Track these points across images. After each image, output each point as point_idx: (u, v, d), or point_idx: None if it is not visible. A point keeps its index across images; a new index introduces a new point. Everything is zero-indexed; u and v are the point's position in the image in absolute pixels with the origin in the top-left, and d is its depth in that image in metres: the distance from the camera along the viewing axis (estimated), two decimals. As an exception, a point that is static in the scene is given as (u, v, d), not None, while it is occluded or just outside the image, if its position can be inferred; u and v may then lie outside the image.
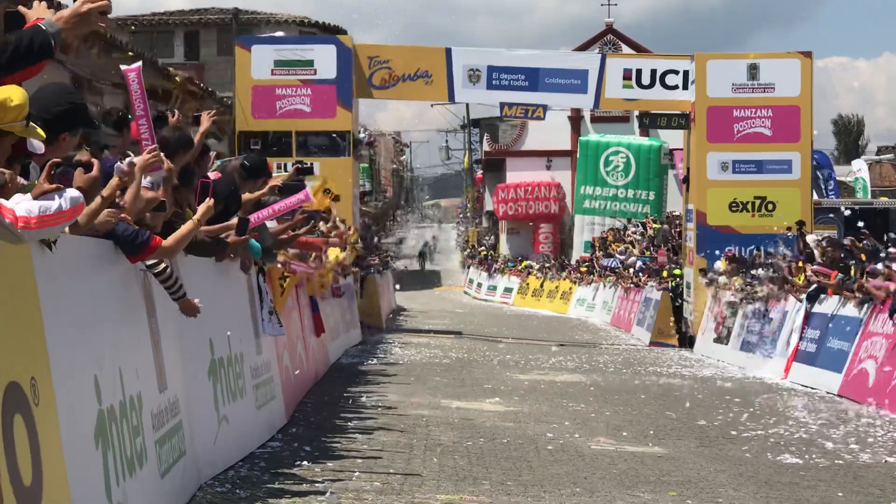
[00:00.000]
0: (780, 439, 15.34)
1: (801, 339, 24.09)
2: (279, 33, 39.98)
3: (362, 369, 23.46)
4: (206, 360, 11.40)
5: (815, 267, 24.64)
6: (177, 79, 28.32)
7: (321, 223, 20.72)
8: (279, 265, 16.71)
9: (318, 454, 12.83)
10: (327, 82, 33.44)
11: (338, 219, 24.09)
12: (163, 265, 9.45)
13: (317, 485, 11.08)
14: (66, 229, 7.13)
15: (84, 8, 6.63)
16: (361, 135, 41.11)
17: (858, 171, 47.46)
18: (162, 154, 9.46)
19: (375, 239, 58.73)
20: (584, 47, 63.56)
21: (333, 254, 23.13)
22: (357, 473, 11.62)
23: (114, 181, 8.17)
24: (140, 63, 10.22)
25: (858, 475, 12.79)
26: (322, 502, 10.32)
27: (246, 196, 13.72)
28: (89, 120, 7.99)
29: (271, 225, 14.77)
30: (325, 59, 33.60)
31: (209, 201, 9.90)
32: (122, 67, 10.02)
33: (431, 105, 55.60)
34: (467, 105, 70.91)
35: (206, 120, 13.17)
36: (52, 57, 6.78)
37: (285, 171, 25.39)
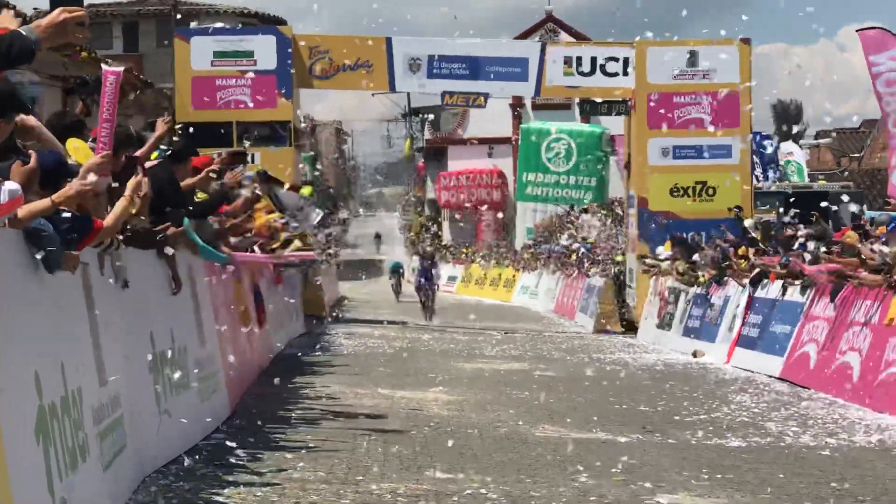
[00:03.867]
0: (722, 423, 15.45)
1: (743, 323, 24.25)
2: (219, 24, 39.78)
3: (306, 360, 23.41)
4: (147, 354, 11.33)
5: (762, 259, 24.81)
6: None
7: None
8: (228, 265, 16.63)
9: (263, 445, 12.79)
10: (268, 73, 33.33)
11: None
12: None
13: (261, 476, 11.05)
14: (6, 223, 7.06)
15: (60, 18, 6.55)
16: (303, 124, 40.97)
17: (790, 154, 47.75)
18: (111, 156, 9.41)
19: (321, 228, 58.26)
20: (524, 36, 63.61)
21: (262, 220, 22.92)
22: (301, 464, 11.60)
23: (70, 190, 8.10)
24: (122, 69, 10.17)
25: (800, 457, 12.90)
26: (266, 493, 10.30)
27: (188, 182, 13.67)
28: (22, 105, 7.91)
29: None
30: (265, 50, 33.50)
31: (137, 176, 9.84)
32: (105, 68, 9.95)
33: (372, 94, 55.38)
34: (408, 94, 70.87)
35: (160, 126, 13.11)
36: (31, 63, 6.72)
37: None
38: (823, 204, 25.91)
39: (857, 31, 27.63)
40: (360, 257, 75.11)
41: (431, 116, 68.73)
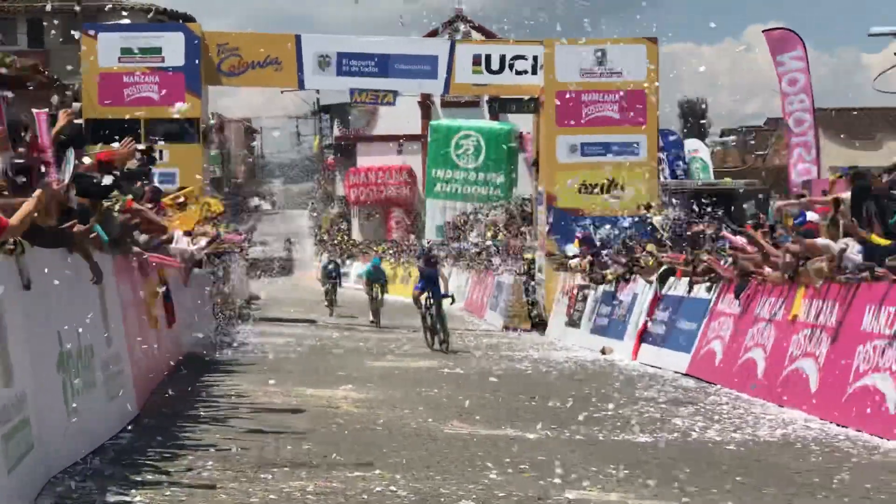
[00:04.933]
0: (630, 419, 15.57)
1: (650, 320, 24.47)
2: (126, 20, 39.44)
3: (215, 359, 23.29)
4: (54, 353, 11.22)
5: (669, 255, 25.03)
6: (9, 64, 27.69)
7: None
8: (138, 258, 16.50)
9: (171, 445, 12.71)
10: (176, 70, 33.12)
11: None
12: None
13: (169, 475, 10.98)
14: None
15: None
16: (211, 121, 40.72)
17: (695, 151, 48.23)
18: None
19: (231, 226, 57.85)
20: (433, 33, 63.64)
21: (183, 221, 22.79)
22: (210, 463, 11.54)
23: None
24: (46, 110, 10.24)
25: (705, 452, 13.04)
26: (175, 493, 10.24)
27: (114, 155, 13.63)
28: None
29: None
30: (173, 47, 33.28)
31: (50, 178, 9.82)
32: (34, 111, 9.97)
33: (282, 92, 55.22)
34: (318, 91, 70.65)
35: (62, 118, 12.97)
36: None
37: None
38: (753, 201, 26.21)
39: (763, 31, 28.02)
40: (269, 255, 74.76)
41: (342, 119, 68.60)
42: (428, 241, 36.97)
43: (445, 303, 26.87)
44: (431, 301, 26.57)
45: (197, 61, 33.18)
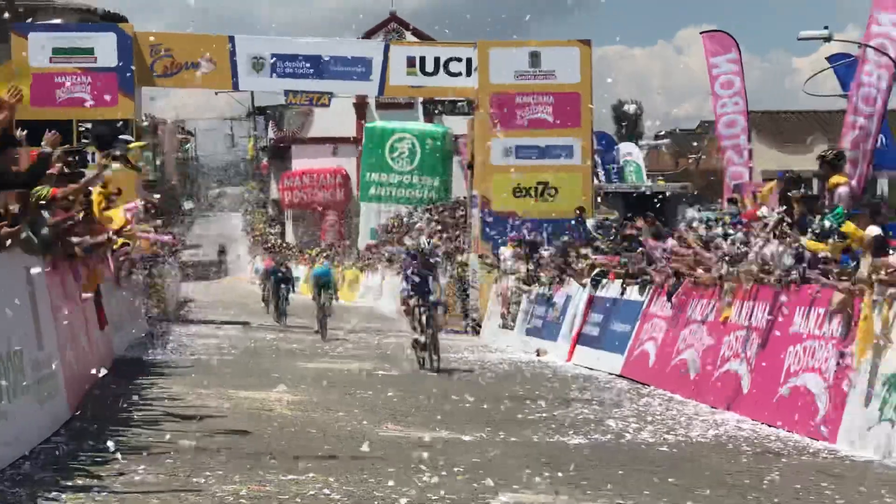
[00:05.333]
0: (564, 421, 15.63)
1: (584, 322, 24.56)
2: (57, 20, 39.12)
3: (148, 362, 23.13)
4: (-16, 356, 11.10)
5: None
6: None
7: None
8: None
9: (103, 449, 12.60)
10: (108, 70, 32.88)
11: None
12: None
13: (101, 480, 10.90)
14: None
15: None
16: (144, 123, 40.46)
17: (629, 154, 48.49)
18: None
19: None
20: (368, 35, 63.60)
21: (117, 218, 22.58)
22: (143, 467, 11.46)
23: None
24: None
25: (639, 453, 13.12)
26: (106, 498, 10.16)
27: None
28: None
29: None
30: (105, 47, 33.04)
31: None
32: None
33: (216, 93, 54.95)
34: (252, 93, 70.35)
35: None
36: None
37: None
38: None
39: (700, 33, 28.19)
40: (203, 258, 74.40)
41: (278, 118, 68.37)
42: (428, 236, 30.57)
43: (389, 305, 26.63)
44: (423, 310, 22.49)
45: (129, 62, 32.96)
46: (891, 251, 13.86)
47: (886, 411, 12.95)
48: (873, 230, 14.18)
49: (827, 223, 14.89)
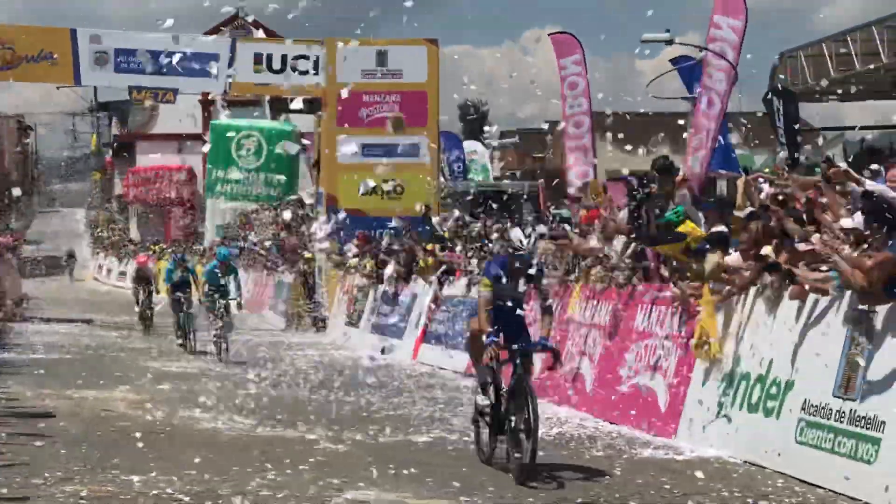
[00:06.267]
0: (409, 419, 15.67)
1: (430, 320, 24.64)
2: None
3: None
4: None
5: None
6: None
7: None
8: None
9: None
10: (-57, 63, 32.14)
11: None
12: None
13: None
14: None
15: None
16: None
17: (474, 153, 48.78)
18: None
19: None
20: (214, 31, 63.03)
21: None
22: (-20, 469, 11.24)
23: None
24: None
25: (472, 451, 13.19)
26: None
27: None
28: None
29: None
30: (-60, 39, 32.28)
31: None
32: None
33: (57, 87, 54.06)
34: (95, 88, 69.35)
35: None
36: None
37: None
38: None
39: (549, 34, 28.43)
40: (43, 254, 73.09)
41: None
42: (533, 228, 19.89)
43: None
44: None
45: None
46: (731, 251, 14.15)
47: (724, 408, 13.22)
48: (718, 228, 14.50)
49: (666, 220, 15.13)
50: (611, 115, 29.26)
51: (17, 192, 74.33)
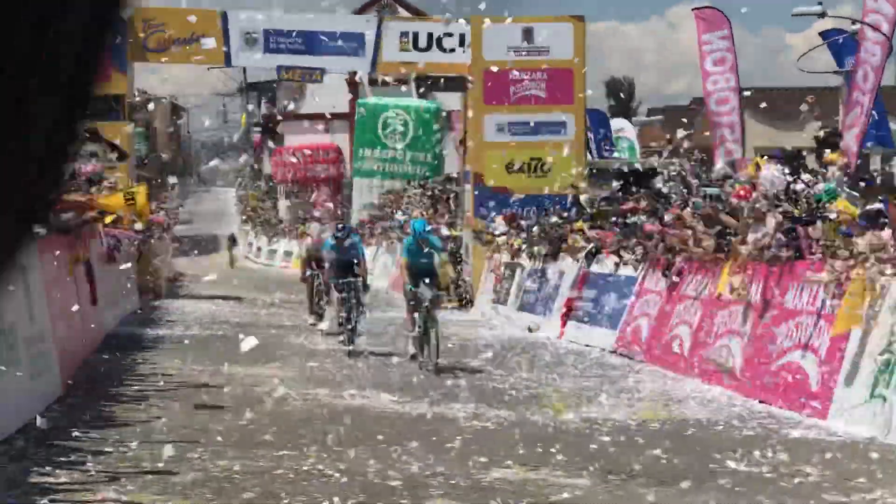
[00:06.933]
0: (556, 397, 15.63)
1: (577, 298, 24.55)
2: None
3: (140, 337, 23.12)
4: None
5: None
6: None
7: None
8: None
9: (95, 424, 12.61)
10: (100, 45, 32.77)
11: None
12: None
13: (93, 455, 10.90)
14: None
15: None
16: (137, 98, 40.36)
17: (621, 130, 48.44)
18: None
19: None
20: (361, 11, 63.43)
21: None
22: (135, 443, 11.47)
23: None
24: None
25: (631, 430, 13.13)
26: (99, 473, 10.17)
27: None
28: None
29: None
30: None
31: None
32: None
33: (208, 69, 54.80)
34: (244, 68, 70.25)
35: None
36: None
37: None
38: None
39: (692, 10, 28.16)
40: (196, 233, 74.33)
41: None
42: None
43: (381, 282, 23.15)
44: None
45: (122, 37, 32.82)
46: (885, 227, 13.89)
47: (878, 389, 12.97)
48: (873, 205, 14.24)
49: (819, 199, 14.91)
50: (759, 91, 28.77)
51: (172, 179, 75.57)
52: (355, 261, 21.65)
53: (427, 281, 18.58)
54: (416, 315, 18.82)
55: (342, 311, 21.64)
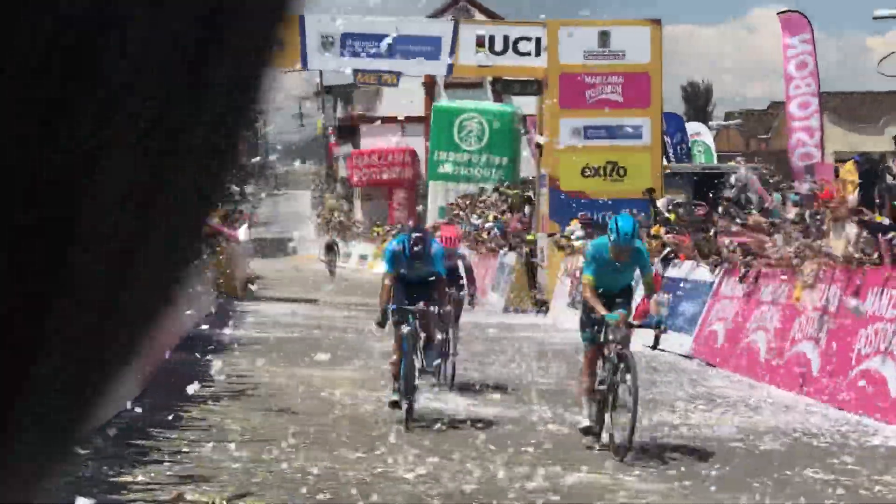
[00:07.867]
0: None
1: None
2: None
3: (216, 338, 23.25)
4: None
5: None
6: None
7: None
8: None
9: (172, 424, 12.71)
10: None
11: None
12: None
13: (170, 455, 10.98)
14: None
15: None
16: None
17: (697, 134, 48.15)
18: None
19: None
20: (437, 14, 63.55)
21: None
22: (211, 443, 11.54)
23: None
24: None
25: (701, 437, 13.03)
26: (176, 472, 10.24)
27: None
28: None
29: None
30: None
31: None
32: None
33: (284, 72, 55.19)
34: (321, 72, 70.58)
35: None
36: None
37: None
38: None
39: (777, 13, 27.96)
40: (272, 235, 74.73)
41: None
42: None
43: None
44: None
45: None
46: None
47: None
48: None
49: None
50: (838, 95, 28.53)
51: (248, 189, 75.91)
52: (432, 278, 14.32)
53: (620, 304, 13.58)
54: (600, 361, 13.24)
55: (399, 362, 13.88)
